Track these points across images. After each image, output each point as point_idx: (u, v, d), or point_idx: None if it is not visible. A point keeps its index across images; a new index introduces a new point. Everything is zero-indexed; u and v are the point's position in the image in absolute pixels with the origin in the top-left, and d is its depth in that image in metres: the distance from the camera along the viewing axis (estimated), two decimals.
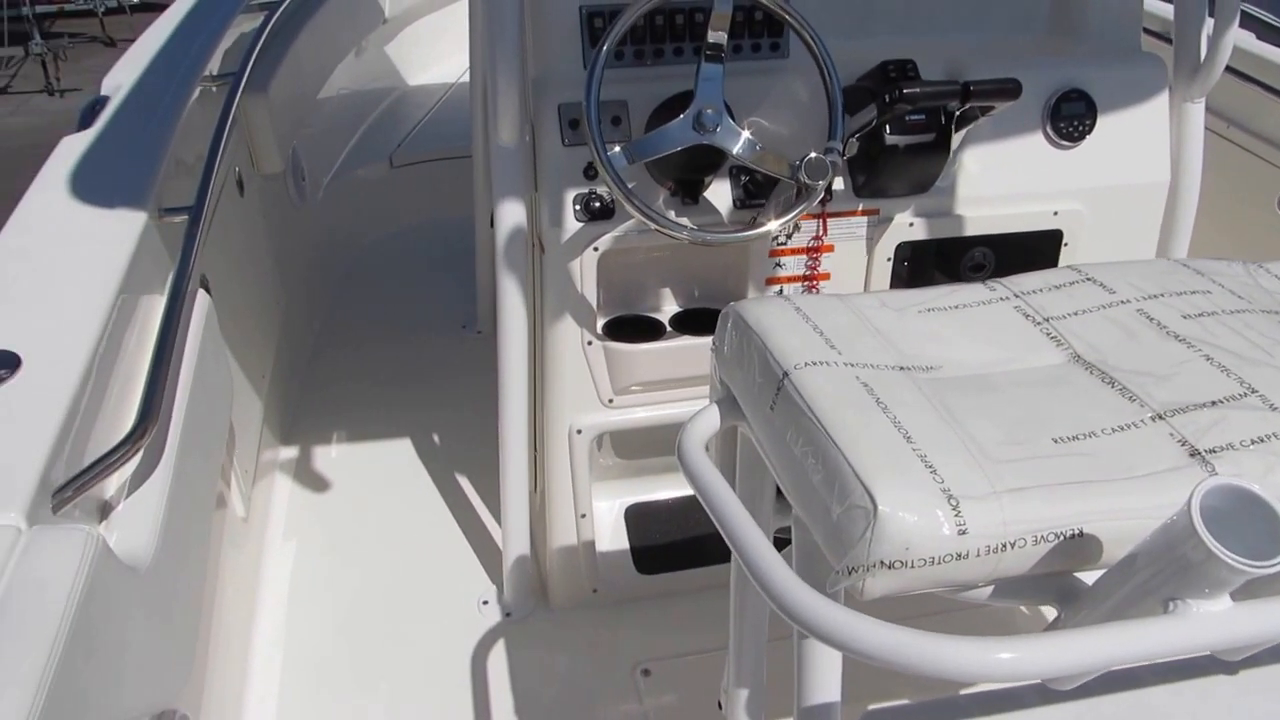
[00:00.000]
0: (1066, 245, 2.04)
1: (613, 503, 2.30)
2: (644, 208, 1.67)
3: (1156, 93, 2.02)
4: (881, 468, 0.91)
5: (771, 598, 0.90)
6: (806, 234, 1.94)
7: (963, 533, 0.87)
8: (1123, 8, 2.09)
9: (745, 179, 1.87)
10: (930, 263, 2.06)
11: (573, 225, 1.83)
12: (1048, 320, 1.18)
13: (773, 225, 1.76)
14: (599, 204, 1.82)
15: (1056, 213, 2.01)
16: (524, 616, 2.20)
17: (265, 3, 3.23)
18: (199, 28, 2.72)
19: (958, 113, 1.82)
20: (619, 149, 1.64)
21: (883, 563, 0.87)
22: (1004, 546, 0.88)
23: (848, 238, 1.97)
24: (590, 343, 1.94)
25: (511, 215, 1.83)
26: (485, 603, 2.23)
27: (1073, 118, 1.98)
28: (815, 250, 1.97)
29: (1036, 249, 2.05)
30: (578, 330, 1.93)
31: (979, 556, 0.88)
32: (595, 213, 1.82)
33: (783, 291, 2.01)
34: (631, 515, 2.30)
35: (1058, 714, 1.02)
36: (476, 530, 2.45)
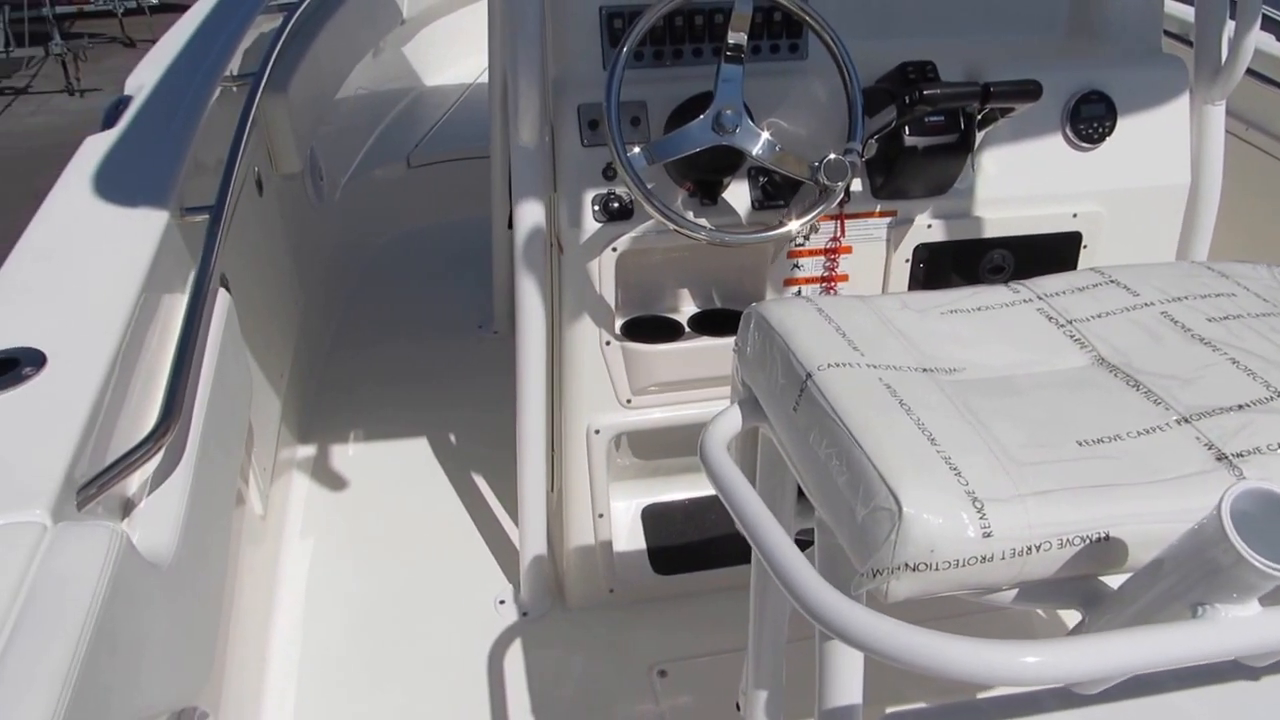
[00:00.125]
0: (1086, 247, 2.04)
1: (629, 503, 2.30)
2: (663, 208, 1.68)
3: (1177, 95, 2.01)
4: (906, 470, 0.91)
5: (797, 599, 0.90)
6: (824, 235, 1.94)
7: (987, 535, 0.87)
8: (1143, 9, 2.08)
9: (764, 180, 1.87)
10: (948, 265, 2.06)
11: (591, 225, 1.83)
12: (1071, 323, 1.17)
13: (792, 226, 1.76)
14: (618, 204, 1.82)
15: (1076, 215, 2.01)
16: (540, 616, 2.20)
17: (285, 3, 3.25)
18: (220, 28, 2.73)
19: (978, 114, 1.82)
20: (639, 150, 1.65)
21: (907, 565, 0.87)
22: (1029, 549, 0.88)
23: (866, 239, 1.97)
24: (608, 343, 1.94)
25: (530, 215, 1.83)
26: (502, 602, 2.23)
27: (1092, 119, 1.97)
28: (833, 252, 1.97)
29: (1055, 251, 2.04)
30: (596, 330, 1.93)
31: (1004, 559, 0.88)
32: (614, 213, 1.83)
33: (800, 293, 2.01)
34: (648, 515, 2.30)
35: (1078, 718, 1.02)
36: (493, 529, 2.45)
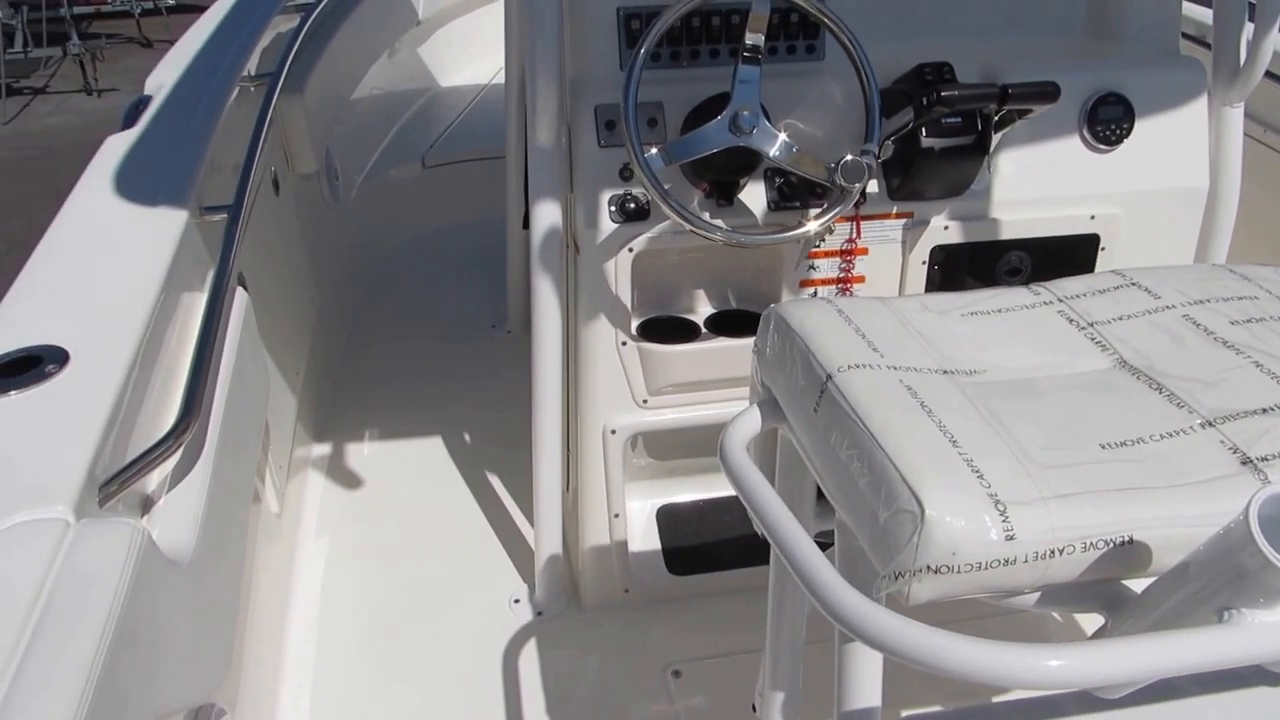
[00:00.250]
0: (1104, 250, 2.03)
1: (645, 503, 2.30)
2: (681, 209, 1.68)
3: (1195, 96, 2.00)
4: (928, 472, 0.91)
5: (819, 600, 0.90)
6: (840, 237, 1.94)
7: (1010, 538, 0.87)
8: (1161, 11, 2.07)
9: (780, 181, 1.87)
10: (965, 266, 2.05)
11: (608, 226, 1.83)
12: (1092, 325, 1.17)
13: (809, 228, 1.76)
14: (634, 205, 1.83)
15: (1094, 217, 2.00)
16: (555, 615, 2.21)
17: (301, 4, 3.26)
18: (238, 29, 2.75)
19: (995, 116, 1.81)
20: (656, 151, 1.65)
21: (929, 567, 0.87)
22: (1052, 553, 0.87)
23: (882, 240, 1.96)
24: (625, 343, 1.94)
25: (547, 216, 1.83)
26: (517, 601, 2.23)
27: (1110, 121, 1.96)
28: (849, 253, 1.97)
29: (1073, 253, 2.03)
30: (612, 331, 1.93)
31: (1027, 562, 0.87)
32: (630, 214, 1.83)
33: (816, 294, 2.00)
34: (663, 516, 2.30)
35: None
36: (507, 529, 2.46)
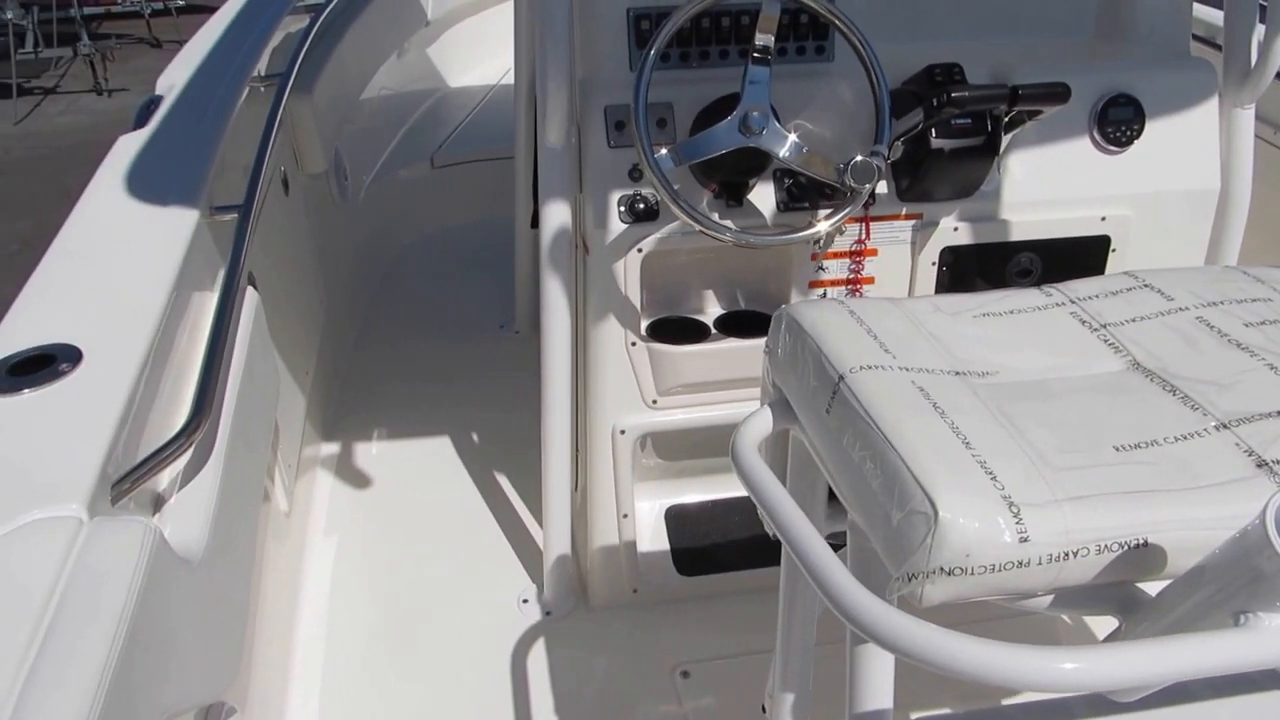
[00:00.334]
0: (1114, 251, 2.02)
1: (654, 503, 2.31)
2: (690, 210, 1.68)
3: (1206, 98, 2.00)
4: (941, 473, 0.90)
5: (832, 601, 0.90)
6: (849, 238, 1.94)
7: (1024, 540, 0.86)
8: (1171, 12, 2.06)
9: (789, 182, 1.87)
10: (974, 268, 2.05)
11: (617, 226, 1.83)
12: (1105, 327, 1.16)
13: (819, 228, 1.76)
14: (643, 205, 1.83)
15: (1104, 218, 1.99)
16: (564, 615, 2.21)
17: (311, 4, 3.27)
18: (248, 29, 2.75)
19: (1005, 117, 1.81)
20: (665, 151, 1.65)
21: (943, 569, 0.87)
22: (1066, 555, 0.87)
23: (891, 241, 1.96)
24: (634, 344, 1.94)
25: (556, 216, 1.84)
26: (525, 601, 2.23)
27: (1120, 122, 1.95)
28: (858, 254, 1.96)
29: (1083, 255, 2.02)
30: (621, 331, 1.93)
31: (1040, 565, 0.87)
32: (639, 214, 1.83)
33: (826, 295, 2.00)
34: (672, 516, 2.30)
35: None
36: (516, 529, 2.46)
